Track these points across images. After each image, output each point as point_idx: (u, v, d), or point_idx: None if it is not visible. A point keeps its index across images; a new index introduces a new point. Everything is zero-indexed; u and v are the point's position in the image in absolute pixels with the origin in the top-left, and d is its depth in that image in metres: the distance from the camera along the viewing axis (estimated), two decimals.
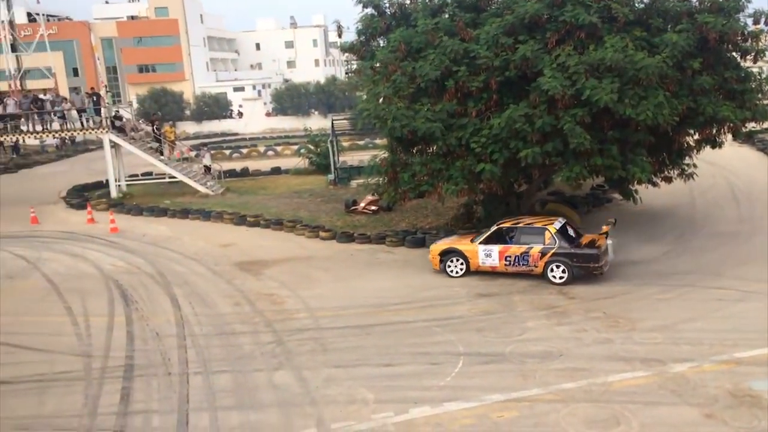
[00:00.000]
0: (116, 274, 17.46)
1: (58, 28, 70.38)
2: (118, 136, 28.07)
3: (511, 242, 15.17)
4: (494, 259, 15.21)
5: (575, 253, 14.59)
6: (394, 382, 10.48)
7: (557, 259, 14.58)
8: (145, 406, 10.18)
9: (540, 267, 14.82)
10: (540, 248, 14.77)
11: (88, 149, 48.98)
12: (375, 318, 13.45)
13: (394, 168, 17.76)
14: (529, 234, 15.10)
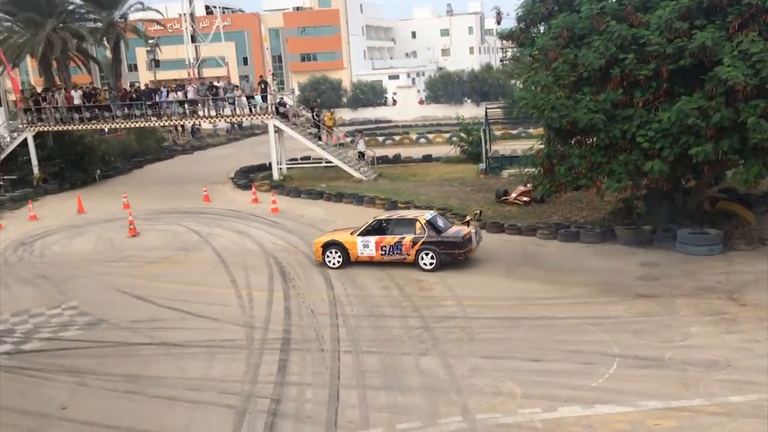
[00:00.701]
0: (276, 252, 18.54)
1: (231, 20, 75.37)
2: (281, 122, 29.67)
3: (387, 233, 16.29)
4: (371, 249, 16.36)
5: (442, 241, 15.91)
6: (542, 378, 10.25)
7: (426, 247, 15.90)
8: (299, 379, 10.75)
9: (412, 255, 16.08)
10: (411, 237, 16.05)
11: (254, 133, 52.31)
12: (523, 311, 13.22)
13: (550, 159, 17.24)
14: (402, 225, 16.36)
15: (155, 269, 17.61)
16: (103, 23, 45.90)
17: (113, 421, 9.69)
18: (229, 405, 9.99)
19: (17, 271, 18.02)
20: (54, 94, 31.95)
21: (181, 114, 31.27)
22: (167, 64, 66.37)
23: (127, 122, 31.40)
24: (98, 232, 22.13)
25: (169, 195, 28.52)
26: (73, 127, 31.45)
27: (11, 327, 13.79)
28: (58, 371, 11.51)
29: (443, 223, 16.57)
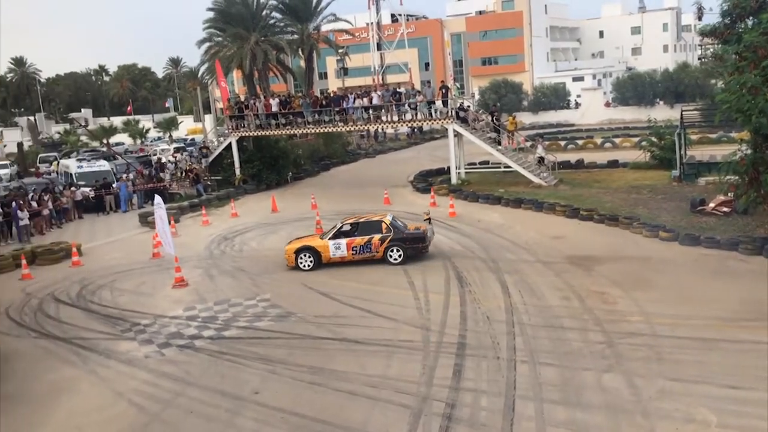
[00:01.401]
0: (453, 256, 18.69)
1: (415, 26, 77.21)
2: (461, 126, 29.85)
3: (356, 235, 18.10)
4: (343, 250, 18.18)
5: (407, 237, 18.24)
6: (742, 408, 9.34)
7: (394, 243, 18.04)
8: (474, 385, 10.76)
9: (380, 252, 18.14)
10: (379, 237, 18.09)
11: (433, 138, 53.14)
12: (721, 332, 12.11)
13: (756, 167, 15.67)
14: (369, 227, 18.28)
15: (339, 267, 18.48)
16: (299, 35, 49.28)
17: (299, 409, 10.35)
18: (405, 404, 10.26)
19: (220, 263, 19.90)
20: (255, 102, 34.86)
21: (366, 119, 32.63)
22: (354, 71, 69.71)
23: (317, 127, 33.37)
24: (289, 230, 23.72)
25: (352, 196, 29.88)
26: (270, 132, 34.08)
27: (214, 314, 15.27)
28: (252, 358, 12.54)
29: (401, 223, 18.89)
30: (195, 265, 19.49)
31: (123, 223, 28.11)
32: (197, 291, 17.18)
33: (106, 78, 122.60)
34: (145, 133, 73.51)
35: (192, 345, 13.43)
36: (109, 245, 23.61)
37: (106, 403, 11.12)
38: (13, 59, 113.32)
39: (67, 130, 76.94)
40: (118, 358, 13.02)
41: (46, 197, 27.83)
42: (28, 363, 13.14)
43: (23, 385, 12.11)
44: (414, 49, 71.88)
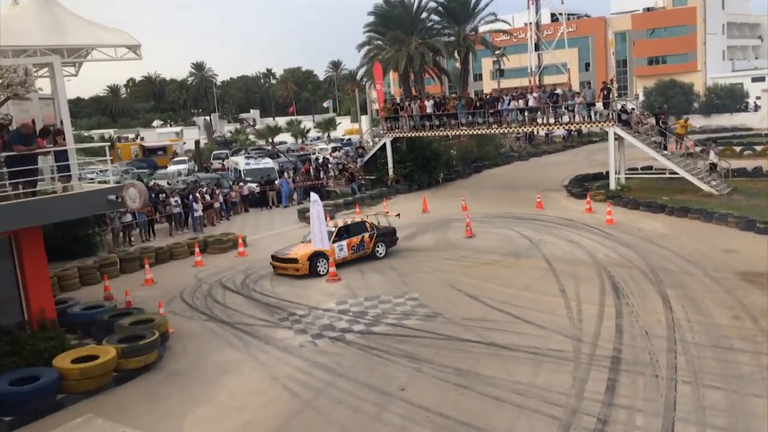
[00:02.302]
0: (609, 265, 17.85)
1: (576, 25, 74.60)
2: (622, 129, 28.40)
3: (351, 236, 19.76)
4: (345, 251, 19.59)
5: (385, 233, 20.74)
6: None
7: (379, 239, 20.30)
8: (629, 402, 10.21)
9: (370, 248, 20.09)
10: (368, 235, 20.09)
11: (591, 141, 51.04)
12: None
13: None
14: (358, 227, 20.23)
15: (488, 271, 18.37)
16: (456, 37, 49.42)
17: (443, 410, 10.40)
18: (553, 415, 9.96)
19: (371, 260, 20.45)
20: (410, 104, 35.47)
21: (521, 121, 32.03)
22: (510, 72, 68.71)
23: (470, 129, 33.28)
24: (437, 231, 23.92)
25: (504, 199, 29.48)
26: (423, 134, 34.52)
27: (364, 310, 15.74)
28: (399, 355, 12.78)
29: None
30: (348, 261, 20.21)
31: (283, 217, 29.79)
32: (349, 286, 17.80)
33: (273, 81, 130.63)
34: (306, 132, 77.33)
35: (343, 338, 13.94)
36: (270, 238, 25.11)
37: (264, 387, 11.85)
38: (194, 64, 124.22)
39: (238, 129, 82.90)
40: (276, 345, 13.82)
41: (218, 191, 30.19)
42: (198, 343, 14.32)
43: (193, 364, 13.22)
44: (574, 49, 69.43)
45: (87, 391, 11.80)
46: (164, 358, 13.51)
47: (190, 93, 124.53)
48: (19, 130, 12.98)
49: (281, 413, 10.76)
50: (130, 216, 24.45)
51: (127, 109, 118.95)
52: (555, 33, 61.22)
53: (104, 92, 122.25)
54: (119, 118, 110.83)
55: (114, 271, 20.69)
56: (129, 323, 13.98)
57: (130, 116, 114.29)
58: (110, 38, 16.81)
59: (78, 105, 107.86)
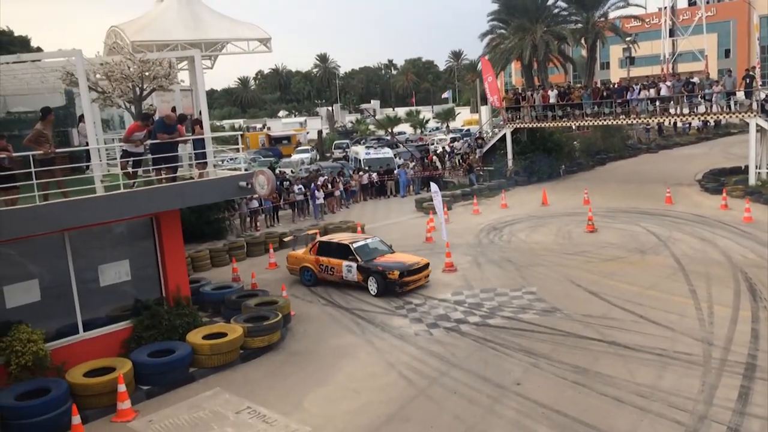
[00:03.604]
0: (745, 266, 16.68)
1: (716, 9, 69.74)
2: (766, 120, 26.31)
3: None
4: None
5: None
6: None
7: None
8: (764, 412, 9.55)
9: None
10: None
11: (729, 133, 47.74)
12: None
13: None
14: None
15: (610, 267, 17.70)
16: (583, 23, 47.65)
17: (560, 407, 10.19)
18: (678, 421, 9.52)
19: (488, 252, 20.30)
20: (532, 94, 34.68)
21: (651, 112, 30.45)
22: (640, 60, 65.35)
23: (595, 120, 32.07)
24: (558, 225, 23.30)
25: (629, 193, 28.21)
26: (545, 125, 33.67)
27: (480, 301, 15.66)
28: (515, 349, 12.64)
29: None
30: (464, 252, 20.16)
31: (401, 207, 30.14)
32: (465, 277, 17.77)
33: (394, 71, 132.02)
34: (425, 123, 77.64)
35: (458, 328, 13.97)
36: (388, 227, 25.52)
37: (380, 372, 12.13)
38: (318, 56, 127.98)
39: (358, 119, 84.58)
40: (392, 332, 14.07)
41: (339, 180, 31.03)
42: (318, 327, 14.86)
43: (313, 345, 13.74)
44: (713, 34, 64.89)
45: (216, 366, 12.59)
46: (286, 338, 14.14)
47: (313, 84, 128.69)
48: (164, 120, 13.98)
49: (396, 398, 10.97)
50: (257, 202, 25.68)
51: (256, 100, 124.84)
52: (692, 18, 57.60)
53: (235, 84, 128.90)
54: (248, 109, 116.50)
55: (241, 254, 21.82)
56: (255, 304, 14.73)
57: (257, 107, 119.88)
58: (244, 32, 17.73)
59: (211, 96, 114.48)
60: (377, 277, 16.57)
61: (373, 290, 16.68)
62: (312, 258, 18.03)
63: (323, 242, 18.22)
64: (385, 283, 16.41)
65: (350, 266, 17.14)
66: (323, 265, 17.71)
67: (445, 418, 10.20)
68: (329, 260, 17.63)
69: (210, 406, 11.16)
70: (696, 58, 57.38)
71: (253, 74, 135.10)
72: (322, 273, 17.76)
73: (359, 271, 16.96)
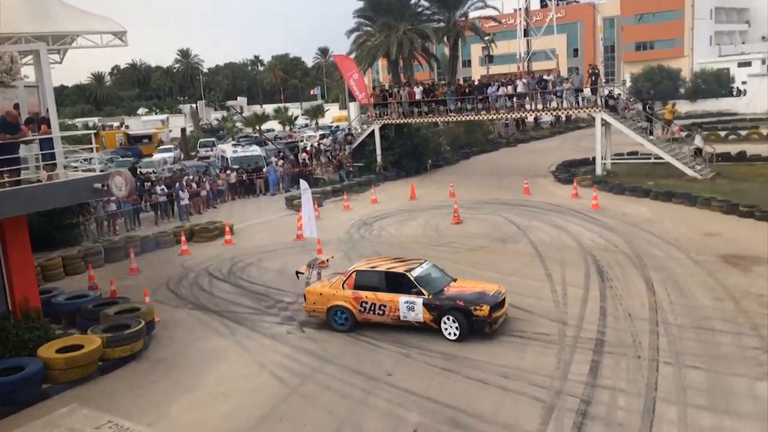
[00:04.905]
0: (594, 250, 17.99)
1: (565, 11, 74.50)
2: (610, 115, 28.51)
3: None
4: None
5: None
6: None
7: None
8: (612, 383, 10.34)
9: None
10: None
11: (579, 126, 51.26)
12: None
13: None
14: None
15: (475, 256, 18.45)
16: (445, 23, 49.28)
17: (430, 394, 10.48)
18: (537, 397, 10.08)
19: (359, 247, 20.50)
20: (399, 90, 35.39)
21: (509, 107, 32.07)
22: (499, 58, 68.49)
23: (458, 115, 33.30)
24: (426, 218, 23.97)
25: (491, 186, 29.56)
26: (412, 120, 34.49)
27: None
28: (387, 341, 12.84)
29: None
30: (335, 248, 20.22)
31: (271, 205, 29.73)
32: (338, 273, 17.78)
33: (260, 68, 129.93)
34: (293, 120, 77.06)
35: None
36: (257, 226, 25.08)
37: (251, 373, 11.89)
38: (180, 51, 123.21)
39: (224, 116, 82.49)
40: (263, 332, 13.85)
41: (204, 179, 30.07)
42: (184, 331, 14.31)
43: (179, 352, 13.22)
44: (563, 35, 69.41)
45: (72, 381, 11.78)
46: (150, 346, 13.51)
47: (175, 80, 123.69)
48: (5, 118, 12.86)
49: (268, 399, 10.81)
50: (115, 205, 24.30)
51: (112, 97, 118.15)
52: (544, 19, 61.25)
53: (88, 80, 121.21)
54: (104, 106, 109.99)
55: (99, 260, 20.57)
56: (114, 312, 13.95)
57: (114, 104, 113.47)
58: (96, 25, 16.64)
59: (62, 93, 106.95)
60: (458, 315, 12.44)
61: (453, 334, 12.51)
62: (348, 294, 13.57)
63: (363, 272, 13.79)
64: (470, 323, 12.38)
65: (412, 303, 12.90)
66: (366, 303, 13.37)
67: (319, 415, 10.19)
68: (376, 296, 13.26)
69: (67, 424, 10.43)
70: (548, 57, 61.16)
71: (108, 69, 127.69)
72: (365, 313, 13.40)
73: (427, 309, 12.81)
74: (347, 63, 39.50)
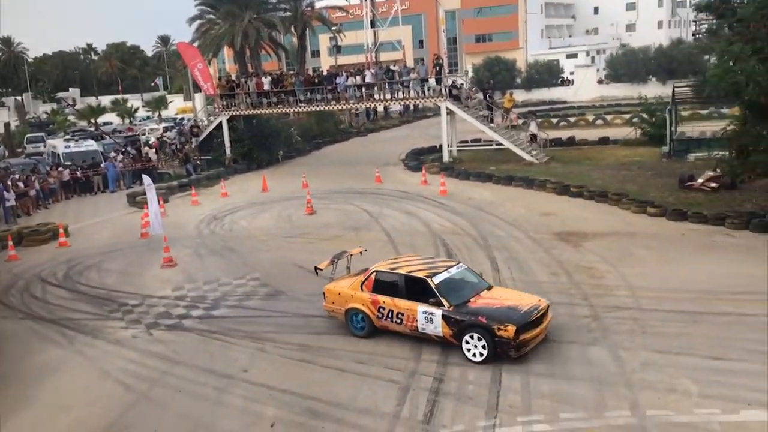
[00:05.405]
0: (443, 233, 18.70)
1: (409, 3, 76.30)
2: (453, 104, 29.69)
3: None
4: None
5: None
6: (723, 378, 9.43)
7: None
8: (462, 360, 10.77)
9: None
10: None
11: (426, 116, 52.89)
12: (706, 305, 12.18)
13: (744, 140, 15.65)
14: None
15: (329, 246, 18.38)
16: (292, 12, 48.76)
17: (287, 387, 10.37)
18: (393, 380, 10.30)
19: (209, 243, 19.85)
20: (246, 81, 34.57)
21: (358, 97, 32.43)
22: (347, 49, 69.06)
23: (309, 106, 33.15)
24: (279, 210, 23.69)
25: (344, 175, 29.79)
26: (261, 111, 33.86)
27: (203, 294, 15.24)
28: (241, 336, 12.54)
29: None
30: (184, 245, 19.43)
31: (111, 203, 27.96)
32: (186, 271, 17.13)
33: (94, 57, 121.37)
34: (133, 112, 72.95)
35: (180, 324, 13.42)
36: (96, 225, 23.51)
37: (93, 383, 11.12)
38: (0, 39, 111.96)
39: (55, 109, 76.32)
40: (106, 339, 13.00)
41: (33, 178, 27.64)
42: (15, 345, 13.08)
43: (11, 366, 12.08)
44: (408, 26, 71.20)
45: None
46: None
47: None
48: None
49: (113, 408, 10.16)
50: None
51: None
52: (390, 10, 62.28)
53: None
54: None
55: None
56: None
57: None
58: None
59: None
60: (481, 333, 10.60)
61: (476, 356, 10.68)
62: (366, 297, 12.06)
63: (383, 273, 12.17)
64: (495, 344, 10.51)
65: (430, 314, 11.14)
66: (384, 309, 11.79)
67: (170, 419, 9.75)
68: (394, 302, 11.65)
69: None
70: (395, 48, 62.48)
71: None
72: (383, 320, 11.85)
73: (446, 324, 11.01)
74: (191, 52, 37.92)
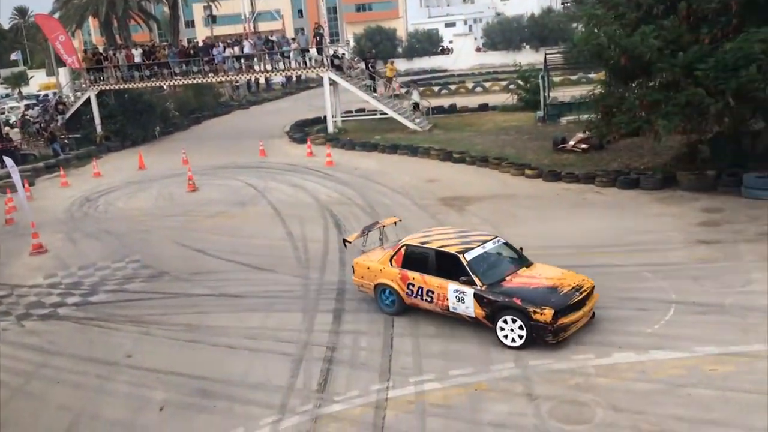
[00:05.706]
0: (330, 204, 18.68)
1: None
2: (336, 74, 29.48)
3: None
4: None
5: None
6: (596, 325, 10.08)
7: None
8: (354, 327, 10.90)
9: None
10: None
11: (309, 87, 52.35)
12: (580, 259, 12.87)
13: (608, 102, 16.63)
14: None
15: (214, 222, 18.02)
16: None
17: (175, 369, 10.05)
18: (285, 352, 10.23)
19: (83, 226, 18.75)
20: (115, 53, 32.62)
21: (238, 69, 31.48)
22: (223, 19, 66.78)
23: (185, 79, 31.82)
24: (159, 188, 22.74)
25: (227, 150, 28.97)
26: (133, 85, 32.16)
27: (79, 280, 14.41)
28: (123, 321, 12.00)
29: None
30: (55, 230, 18.24)
31: None
32: (59, 257, 16.12)
33: None
34: None
35: (55, 314, 12.65)
36: None
37: None
38: None
39: None
40: None
41: None
42: None
43: None
44: None
45: None
46: None
47: None
48: None
49: None
50: None
51: None
52: None
53: None
54: None
55: None
56: None
57: None
58: None
59: None
60: (517, 316, 9.58)
61: (513, 341, 9.69)
62: (395, 272, 11.09)
63: (413, 247, 11.14)
64: (530, 328, 9.49)
65: (462, 293, 10.16)
66: (413, 286, 10.83)
67: (49, 412, 9.20)
68: (424, 279, 10.68)
69: None
70: (274, 18, 61.23)
71: None
72: (413, 297, 10.89)
73: (478, 303, 10.02)
74: (51, 24, 35.25)
